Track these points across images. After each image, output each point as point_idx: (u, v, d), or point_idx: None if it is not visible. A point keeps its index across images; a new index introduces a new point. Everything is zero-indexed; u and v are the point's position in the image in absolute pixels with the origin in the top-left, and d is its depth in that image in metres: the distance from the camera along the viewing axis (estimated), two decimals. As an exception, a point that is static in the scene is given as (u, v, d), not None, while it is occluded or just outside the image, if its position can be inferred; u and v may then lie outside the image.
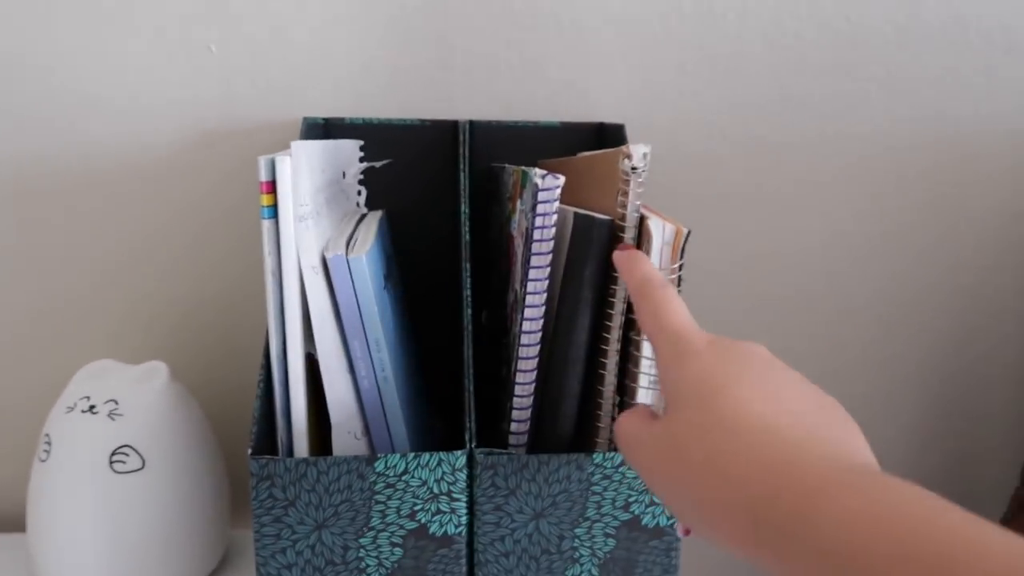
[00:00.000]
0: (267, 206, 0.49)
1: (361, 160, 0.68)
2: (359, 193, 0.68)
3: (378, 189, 0.68)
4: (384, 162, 0.68)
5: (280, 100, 0.68)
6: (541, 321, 0.48)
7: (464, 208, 0.57)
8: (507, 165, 0.60)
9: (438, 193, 0.69)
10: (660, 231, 0.47)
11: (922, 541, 0.23)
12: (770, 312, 0.76)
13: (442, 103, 0.69)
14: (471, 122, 0.66)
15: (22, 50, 0.65)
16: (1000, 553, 0.22)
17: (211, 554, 0.60)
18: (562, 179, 0.48)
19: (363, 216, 0.63)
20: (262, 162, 0.48)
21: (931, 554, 0.23)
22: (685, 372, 0.33)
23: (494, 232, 0.64)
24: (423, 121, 0.67)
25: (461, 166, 0.60)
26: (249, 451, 0.44)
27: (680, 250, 0.47)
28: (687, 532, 0.36)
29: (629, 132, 0.67)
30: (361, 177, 0.68)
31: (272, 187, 0.48)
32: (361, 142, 0.67)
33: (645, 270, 0.40)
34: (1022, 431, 0.81)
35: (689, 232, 0.47)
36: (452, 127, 0.67)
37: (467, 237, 0.56)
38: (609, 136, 0.67)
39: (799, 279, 0.76)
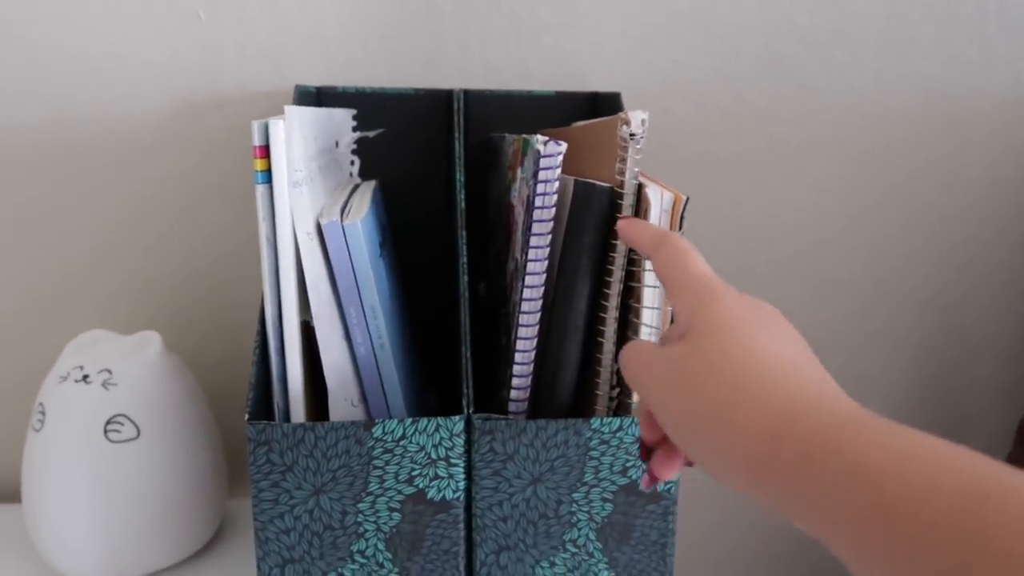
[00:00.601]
0: (261, 171, 0.48)
1: (354, 130, 0.67)
2: (352, 163, 0.68)
3: (371, 159, 0.67)
4: (377, 132, 0.68)
5: (270, 69, 0.67)
6: (542, 288, 0.48)
7: (459, 176, 0.56)
8: (507, 134, 0.59)
9: (431, 163, 0.69)
10: (659, 199, 0.47)
11: (953, 472, 0.23)
12: (759, 280, 0.76)
13: (433, 71, 0.69)
14: (465, 91, 0.65)
15: (6, 19, 0.64)
16: None
17: (208, 524, 0.60)
18: (564, 145, 0.47)
19: (356, 186, 0.62)
20: (256, 126, 0.47)
21: (963, 484, 0.22)
22: (716, 306, 0.33)
23: (493, 203, 0.64)
24: (416, 90, 0.66)
25: (456, 134, 0.60)
26: (246, 416, 0.44)
27: (680, 217, 0.47)
28: (651, 483, 0.37)
29: (623, 101, 0.66)
30: (354, 147, 0.67)
31: (266, 151, 0.47)
32: (354, 111, 0.67)
33: (656, 229, 0.40)
34: (1007, 400, 0.82)
35: (688, 199, 0.47)
36: (445, 96, 0.66)
37: (462, 205, 0.55)
38: (604, 106, 0.67)
39: (789, 248, 0.76)
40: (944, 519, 0.22)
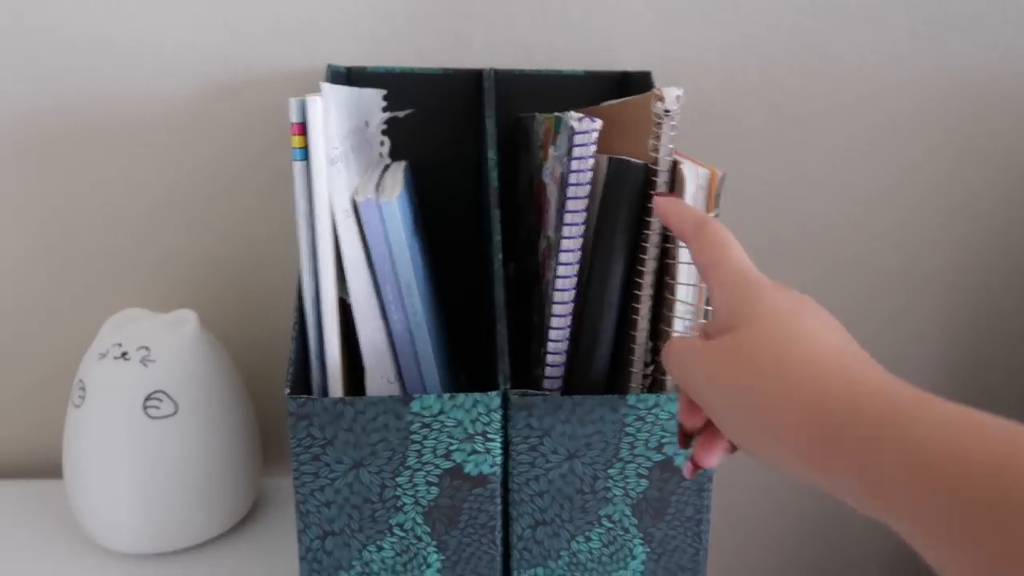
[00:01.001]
0: (298, 148, 0.48)
1: (384, 110, 0.67)
2: (382, 143, 0.68)
3: (400, 140, 0.67)
4: (406, 112, 0.68)
5: (299, 49, 0.67)
6: (576, 266, 0.48)
7: (491, 154, 0.56)
8: (537, 114, 0.59)
9: (460, 144, 0.69)
10: (694, 175, 0.47)
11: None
12: (782, 257, 0.76)
13: (461, 52, 0.68)
14: (495, 71, 0.65)
15: (39, 6, 0.64)
16: None
17: (243, 499, 0.61)
18: (599, 122, 0.47)
19: (387, 166, 0.63)
20: (293, 103, 0.47)
21: None
22: (761, 299, 0.33)
23: (523, 183, 0.64)
24: (446, 70, 0.66)
25: (488, 113, 0.59)
26: (287, 390, 0.44)
27: (716, 194, 0.47)
28: (694, 472, 0.37)
29: (654, 79, 0.66)
30: (384, 127, 0.67)
31: (303, 129, 0.48)
32: (384, 91, 0.67)
33: (699, 214, 0.39)
34: (1040, 384, 0.81)
35: (724, 175, 0.46)
36: (474, 76, 0.66)
37: (495, 183, 0.55)
38: (634, 85, 0.66)
39: (813, 225, 0.75)
40: None
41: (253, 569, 0.58)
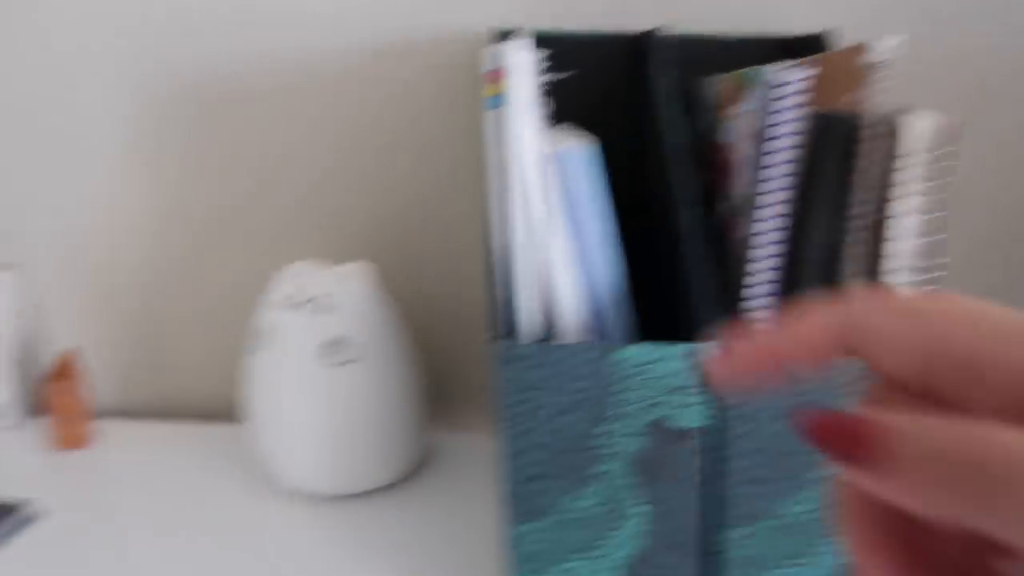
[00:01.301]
0: (492, 96, 0.48)
1: (545, 71, 0.67)
2: (544, 104, 0.68)
3: (557, 101, 0.67)
4: (567, 74, 0.67)
5: (459, 11, 0.67)
6: (780, 221, 0.47)
7: (671, 112, 0.55)
8: (706, 77, 0.58)
9: (619, 106, 0.68)
10: (923, 125, 0.45)
11: None
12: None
13: (617, 11, 0.67)
14: (661, 34, 0.64)
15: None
16: None
17: (416, 449, 0.61)
18: (810, 71, 0.46)
19: (554, 125, 0.62)
20: (491, 51, 0.47)
21: None
22: None
23: (688, 147, 0.62)
24: (604, 34, 0.66)
25: (660, 72, 0.58)
26: (496, 335, 0.44)
27: (952, 146, 0.45)
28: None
29: (829, 41, 0.63)
30: (545, 88, 0.67)
31: (500, 76, 0.47)
32: (545, 51, 0.66)
33: (834, 309, 0.20)
34: None
35: (962, 123, 0.44)
36: (633, 40, 0.65)
37: (680, 138, 0.54)
38: (802, 49, 0.64)
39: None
40: None
41: (432, 513, 0.58)
